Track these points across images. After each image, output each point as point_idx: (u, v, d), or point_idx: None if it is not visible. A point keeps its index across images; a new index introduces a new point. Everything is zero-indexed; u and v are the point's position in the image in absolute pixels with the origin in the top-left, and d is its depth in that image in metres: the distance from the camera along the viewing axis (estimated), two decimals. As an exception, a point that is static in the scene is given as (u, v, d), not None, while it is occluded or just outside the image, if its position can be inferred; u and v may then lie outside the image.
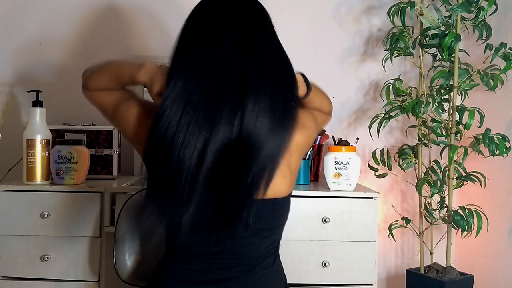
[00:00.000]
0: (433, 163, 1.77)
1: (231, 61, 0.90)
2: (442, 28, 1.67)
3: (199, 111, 0.87)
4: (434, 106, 1.65)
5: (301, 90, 1.03)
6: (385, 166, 1.79)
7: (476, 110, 1.66)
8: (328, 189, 1.57)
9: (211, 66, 0.90)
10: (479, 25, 1.66)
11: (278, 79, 0.94)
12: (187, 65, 0.91)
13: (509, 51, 1.62)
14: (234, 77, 0.89)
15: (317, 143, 1.77)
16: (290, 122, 0.95)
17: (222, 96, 0.88)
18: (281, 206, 1.02)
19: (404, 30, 1.74)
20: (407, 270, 1.81)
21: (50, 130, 1.60)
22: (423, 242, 1.81)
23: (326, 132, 1.78)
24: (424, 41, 1.72)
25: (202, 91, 0.88)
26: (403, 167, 1.78)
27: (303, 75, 1.07)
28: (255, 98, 0.89)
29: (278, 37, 1.00)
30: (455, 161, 1.68)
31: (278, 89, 0.93)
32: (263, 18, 0.99)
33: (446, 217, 1.70)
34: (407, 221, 1.78)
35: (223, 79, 0.89)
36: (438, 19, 1.67)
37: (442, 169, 1.72)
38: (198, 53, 0.92)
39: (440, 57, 1.68)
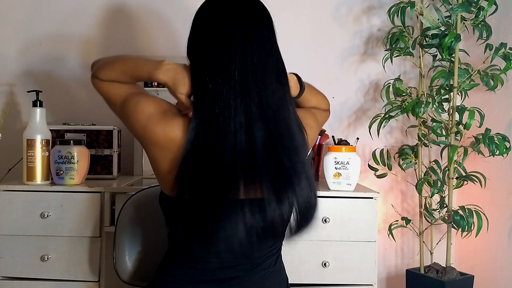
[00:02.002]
0: (433, 163, 1.77)
1: (245, 57, 0.92)
2: (442, 28, 1.67)
3: (235, 110, 0.90)
4: (434, 106, 1.64)
5: (294, 90, 1.07)
6: (385, 166, 1.79)
7: (476, 110, 1.66)
8: (328, 189, 1.57)
9: (233, 64, 0.92)
10: (479, 25, 1.66)
11: (281, 76, 0.97)
12: (211, 66, 0.93)
13: (509, 51, 1.62)
14: (250, 73, 0.92)
15: (317, 143, 1.77)
16: (291, 114, 0.97)
17: (246, 92, 0.91)
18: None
19: (404, 30, 1.74)
20: (407, 270, 1.81)
21: (50, 130, 1.60)
22: (423, 242, 1.81)
23: (326, 132, 1.78)
24: (424, 41, 1.72)
25: (232, 91, 0.91)
26: (403, 167, 1.78)
27: (296, 75, 1.08)
28: (263, 92, 0.92)
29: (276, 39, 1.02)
30: (455, 161, 1.68)
31: (281, 85, 0.96)
32: (266, 17, 1.00)
33: (446, 217, 1.70)
34: (407, 221, 1.78)
35: (243, 76, 0.92)
36: (438, 19, 1.67)
37: (442, 169, 1.72)
38: (217, 53, 0.93)
39: (440, 57, 1.68)
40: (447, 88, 1.68)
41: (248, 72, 0.92)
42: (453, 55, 1.66)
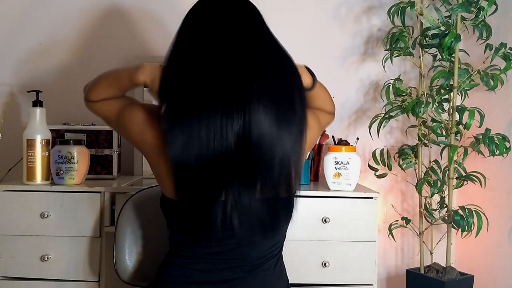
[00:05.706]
0: (433, 163, 1.77)
1: (228, 56, 0.92)
2: (442, 28, 1.67)
3: (209, 109, 0.89)
4: (434, 106, 1.65)
5: (306, 80, 1.04)
6: (385, 166, 1.79)
7: (476, 110, 1.66)
8: (328, 189, 1.57)
9: (210, 61, 0.91)
10: (479, 25, 1.66)
11: (276, 69, 0.95)
12: (187, 63, 0.93)
13: (509, 51, 1.62)
14: (235, 70, 0.91)
15: (317, 143, 1.77)
16: (298, 114, 0.95)
17: (226, 89, 0.89)
18: (285, 206, 1.02)
19: (404, 30, 1.74)
20: (407, 270, 1.81)
21: (50, 130, 1.60)
22: (423, 242, 1.81)
23: (326, 132, 1.78)
24: (424, 41, 1.72)
25: (207, 87, 0.89)
26: (403, 167, 1.78)
27: (307, 67, 1.07)
28: (258, 88, 0.90)
29: (272, 33, 1.01)
30: (455, 161, 1.68)
31: (278, 78, 0.94)
32: (254, 15, 1.00)
33: (446, 217, 1.70)
34: (407, 221, 1.78)
35: (224, 73, 0.90)
36: (438, 19, 1.67)
37: (442, 169, 1.72)
38: (197, 51, 0.93)
39: (440, 57, 1.68)
40: (447, 88, 1.68)
41: (228, 76, 0.90)
42: (453, 55, 1.66)
